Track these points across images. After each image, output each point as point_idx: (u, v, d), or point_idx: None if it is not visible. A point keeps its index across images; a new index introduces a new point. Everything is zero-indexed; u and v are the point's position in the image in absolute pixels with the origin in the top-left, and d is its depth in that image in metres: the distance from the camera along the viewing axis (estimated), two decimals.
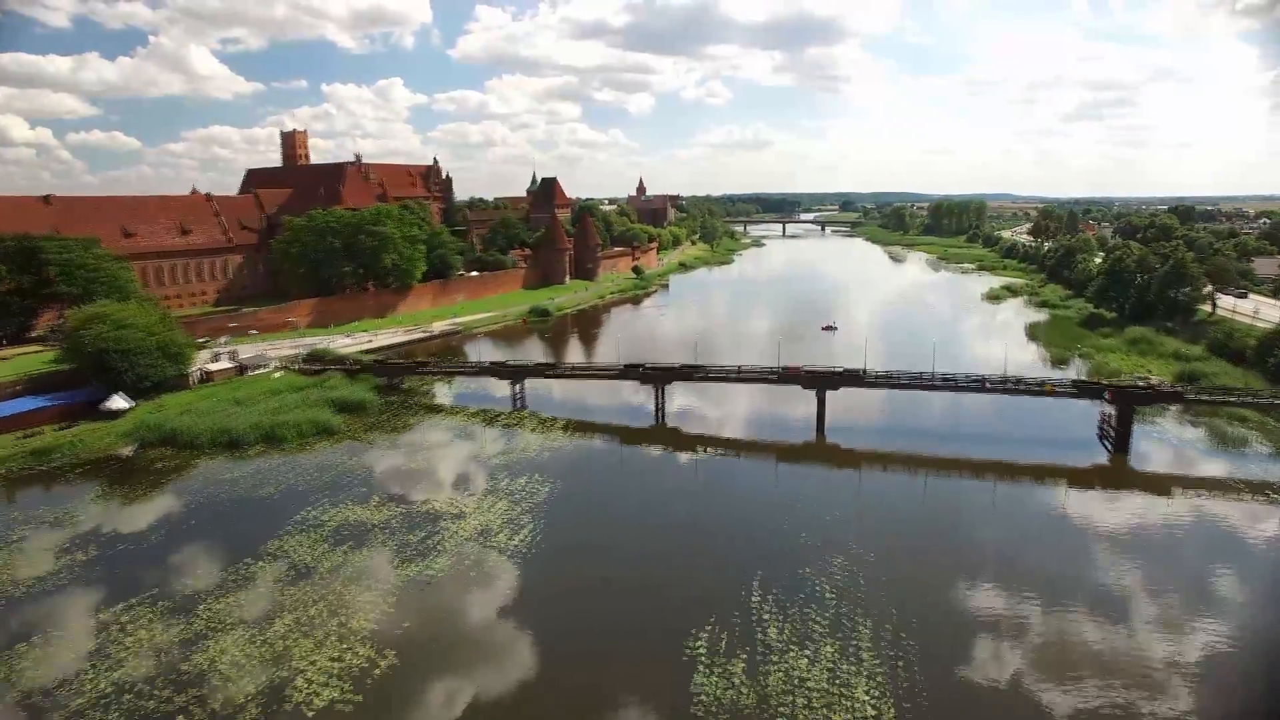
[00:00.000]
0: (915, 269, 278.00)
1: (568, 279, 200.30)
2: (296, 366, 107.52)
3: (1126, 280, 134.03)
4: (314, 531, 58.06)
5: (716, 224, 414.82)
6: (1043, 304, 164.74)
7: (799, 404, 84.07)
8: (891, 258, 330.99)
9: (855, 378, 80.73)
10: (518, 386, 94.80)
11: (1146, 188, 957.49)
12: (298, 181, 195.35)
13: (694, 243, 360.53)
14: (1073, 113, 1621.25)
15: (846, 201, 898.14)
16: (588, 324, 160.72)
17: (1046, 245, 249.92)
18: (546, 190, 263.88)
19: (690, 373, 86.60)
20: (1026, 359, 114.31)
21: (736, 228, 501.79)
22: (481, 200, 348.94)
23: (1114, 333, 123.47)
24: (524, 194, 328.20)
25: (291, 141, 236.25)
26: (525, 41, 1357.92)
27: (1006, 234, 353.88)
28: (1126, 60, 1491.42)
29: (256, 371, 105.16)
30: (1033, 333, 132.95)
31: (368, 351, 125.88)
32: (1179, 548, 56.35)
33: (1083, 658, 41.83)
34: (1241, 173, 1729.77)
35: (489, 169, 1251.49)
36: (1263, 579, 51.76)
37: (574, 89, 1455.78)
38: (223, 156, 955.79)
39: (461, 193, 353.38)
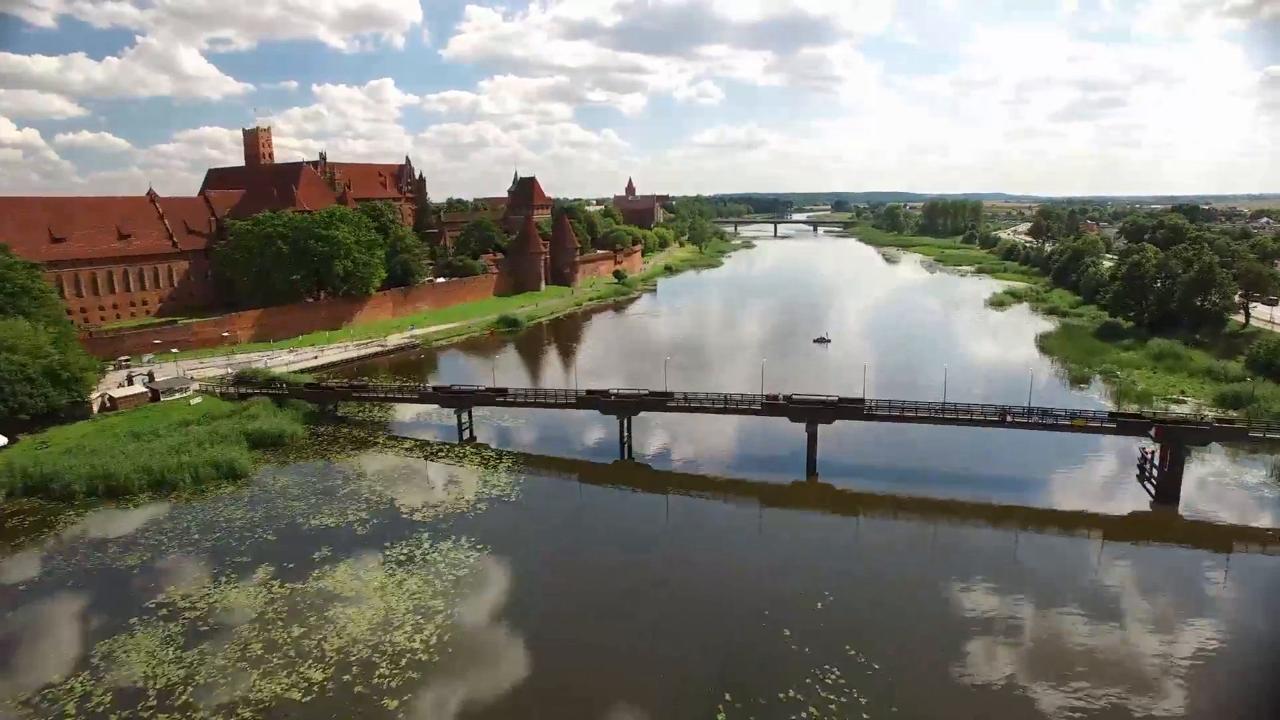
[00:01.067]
0: (911, 271, 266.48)
1: (543, 285, 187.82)
2: (220, 390, 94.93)
3: (1145, 286, 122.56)
4: (169, 624, 45.61)
5: (705, 225, 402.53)
6: (1051, 311, 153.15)
7: (787, 434, 71.93)
8: (886, 259, 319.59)
9: (852, 409, 68.70)
10: (464, 415, 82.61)
11: (1136, 187, 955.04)
12: (253, 182, 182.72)
13: (682, 244, 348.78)
14: (1063, 112, 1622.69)
15: (839, 201, 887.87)
16: (561, 334, 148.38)
17: (1049, 247, 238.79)
18: (524, 190, 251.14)
19: (659, 402, 74.39)
20: (1042, 376, 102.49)
21: (727, 228, 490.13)
22: (460, 201, 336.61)
23: (1135, 345, 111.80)
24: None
25: (254, 139, 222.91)
26: (516, 41, 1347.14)
27: (1005, 235, 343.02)
28: (1115, 60, 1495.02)
29: (174, 396, 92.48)
30: (1045, 344, 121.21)
31: (309, 370, 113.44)
32: (1245, 614, 44.79)
33: None
34: (1228, 172, 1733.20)
35: (482, 170, 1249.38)
36: None
37: (566, 89, 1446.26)
38: (214, 158, 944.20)
39: (460, 193, 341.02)
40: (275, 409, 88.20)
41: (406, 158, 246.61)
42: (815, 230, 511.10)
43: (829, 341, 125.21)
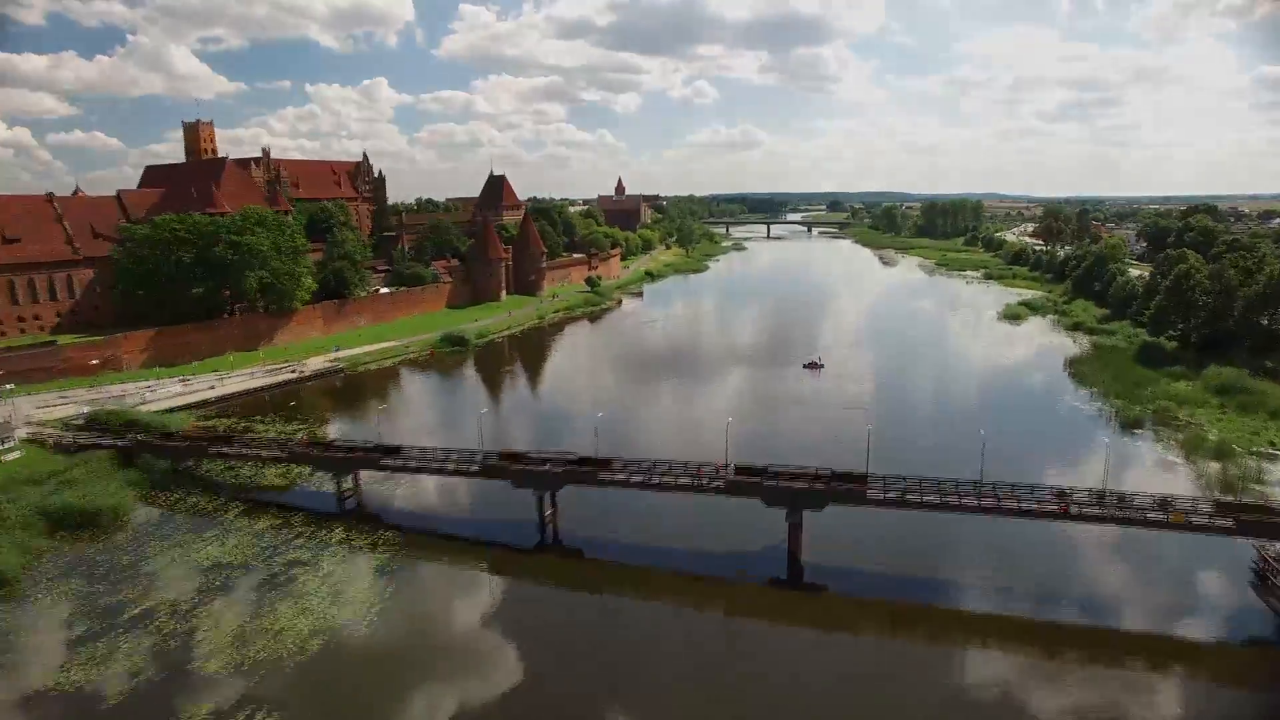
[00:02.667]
0: (912, 277, 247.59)
1: (503, 295, 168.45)
2: (56, 439, 75.47)
3: (1192, 301, 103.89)
4: None
5: (694, 226, 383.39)
6: (1075, 326, 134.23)
7: (765, 512, 52.75)
8: (884, 263, 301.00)
9: (850, 490, 49.56)
10: (347, 480, 63.54)
11: (1130, 187, 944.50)
12: (173, 180, 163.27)
13: (669, 247, 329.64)
14: (1056, 112, 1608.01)
15: (834, 201, 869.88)
16: (512, 356, 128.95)
17: (1062, 251, 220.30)
18: (493, 190, 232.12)
19: (589, 475, 55.22)
20: (1080, 416, 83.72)
21: (718, 229, 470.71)
22: (431, 201, 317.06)
23: (1188, 374, 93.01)
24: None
25: (195, 134, 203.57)
26: (510, 41, 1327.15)
27: (1009, 236, 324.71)
28: (1109, 60, 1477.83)
29: None
30: (1077, 370, 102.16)
31: (201, 404, 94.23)
32: None
33: None
34: (1221, 172, 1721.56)
35: (476, 170, 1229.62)
36: None
37: (560, 89, 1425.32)
38: None
39: (458, 193, 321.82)
40: (113, 468, 69.04)
41: (364, 154, 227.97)
42: (810, 231, 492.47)
43: (822, 367, 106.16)
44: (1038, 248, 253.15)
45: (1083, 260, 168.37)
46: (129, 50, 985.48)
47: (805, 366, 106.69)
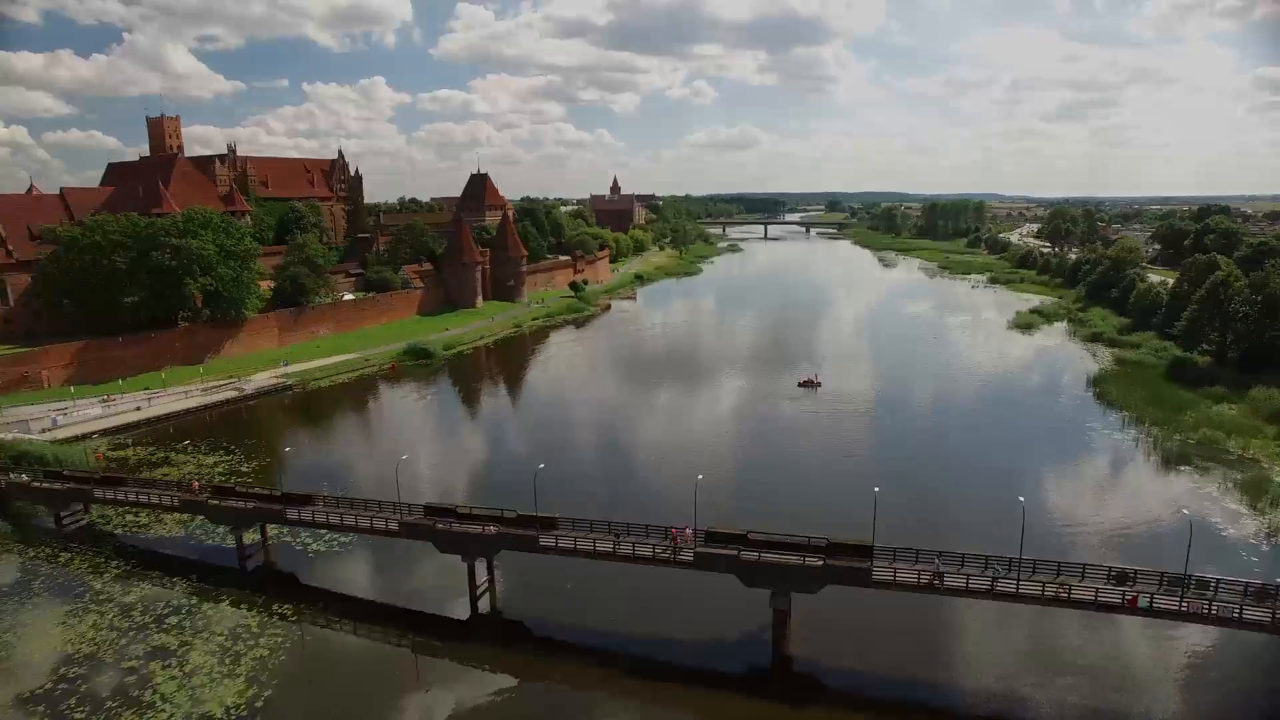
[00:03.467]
0: (914, 280, 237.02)
1: (480, 301, 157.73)
2: None
3: (1231, 312, 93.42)
4: None
5: (688, 226, 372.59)
6: (1094, 337, 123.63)
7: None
8: (884, 265, 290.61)
9: (851, 568, 38.89)
10: (252, 532, 53.07)
11: (1127, 188, 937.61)
12: (126, 178, 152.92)
13: (662, 248, 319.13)
14: (1055, 113, 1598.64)
15: (833, 201, 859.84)
16: (481, 371, 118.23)
17: (1072, 254, 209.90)
18: (475, 189, 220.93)
19: (529, 539, 44.60)
20: (1113, 447, 73.13)
21: (715, 230, 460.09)
22: (415, 201, 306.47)
23: (1231, 395, 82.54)
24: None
25: (159, 128, 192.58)
26: (508, 40, 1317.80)
27: (1013, 237, 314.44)
28: (1107, 61, 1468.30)
29: None
30: (1102, 389, 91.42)
31: (119, 429, 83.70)
32: None
33: None
34: (1219, 173, 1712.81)
35: (474, 169, 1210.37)
36: None
37: (558, 88, 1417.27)
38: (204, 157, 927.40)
39: (457, 193, 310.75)
40: None
41: (340, 152, 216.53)
42: (808, 232, 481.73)
43: (819, 385, 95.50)
44: (1044, 250, 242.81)
45: (1097, 264, 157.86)
46: (126, 49, 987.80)
47: (800, 385, 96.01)
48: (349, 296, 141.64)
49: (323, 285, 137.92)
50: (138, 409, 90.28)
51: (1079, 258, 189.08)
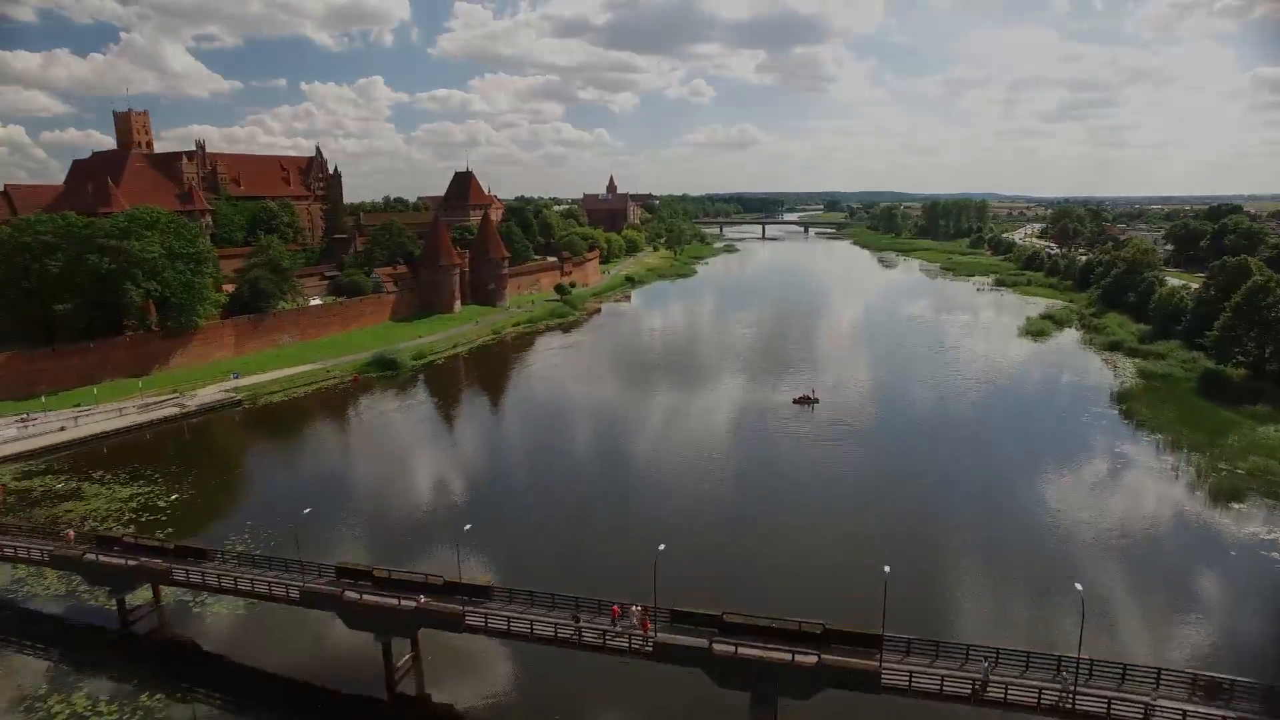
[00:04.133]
0: (916, 282, 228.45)
1: (458, 305, 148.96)
2: None
3: (1272, 320, 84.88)
4: None
5: (683, 226, 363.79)
6: (1112, 346, 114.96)
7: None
8: (884, 265, 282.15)
9: (858, 669, 30.21)
10: (138, 593, 44.50)
11: (1126, 187, 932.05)
12: (81, 176, 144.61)
13: (656, 249, 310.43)
14: (1053, 112, 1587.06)
15: (832, 201, 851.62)
16: (450, 384, 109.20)
17: (1081, 255, 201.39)
18: (459, 188, 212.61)
19: (453, 617, 35.91)
20: (1153, 477, 64.46)
21: (712, 230, 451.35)
22: (400, 201, 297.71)
23: (1277, 414, 73.94)
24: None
25: (127, 123, 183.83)
26: (506, 39, 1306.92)
27: (1017, 237, 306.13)
28: (1106, 61, 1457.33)
29: None
30: (1132, 410, 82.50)
31: (36, 453, 75.05)
32: None
33: None
34: (1218, 173, 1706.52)
35: (474, 169, 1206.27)
36: None
37: (557, 88, 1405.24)
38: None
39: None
40: None
41: (317, 148, 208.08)
42: (807, 232, 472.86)
43: (816, 402, 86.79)
44: (1051, 251, 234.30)
45: (1110, 267, 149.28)
46: (123, 48, 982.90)
47: (795, 402, 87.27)
48: (316, 301, 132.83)
49: (290, 289, 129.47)
50: (61, 429, 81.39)
51: (1089, 259, 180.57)
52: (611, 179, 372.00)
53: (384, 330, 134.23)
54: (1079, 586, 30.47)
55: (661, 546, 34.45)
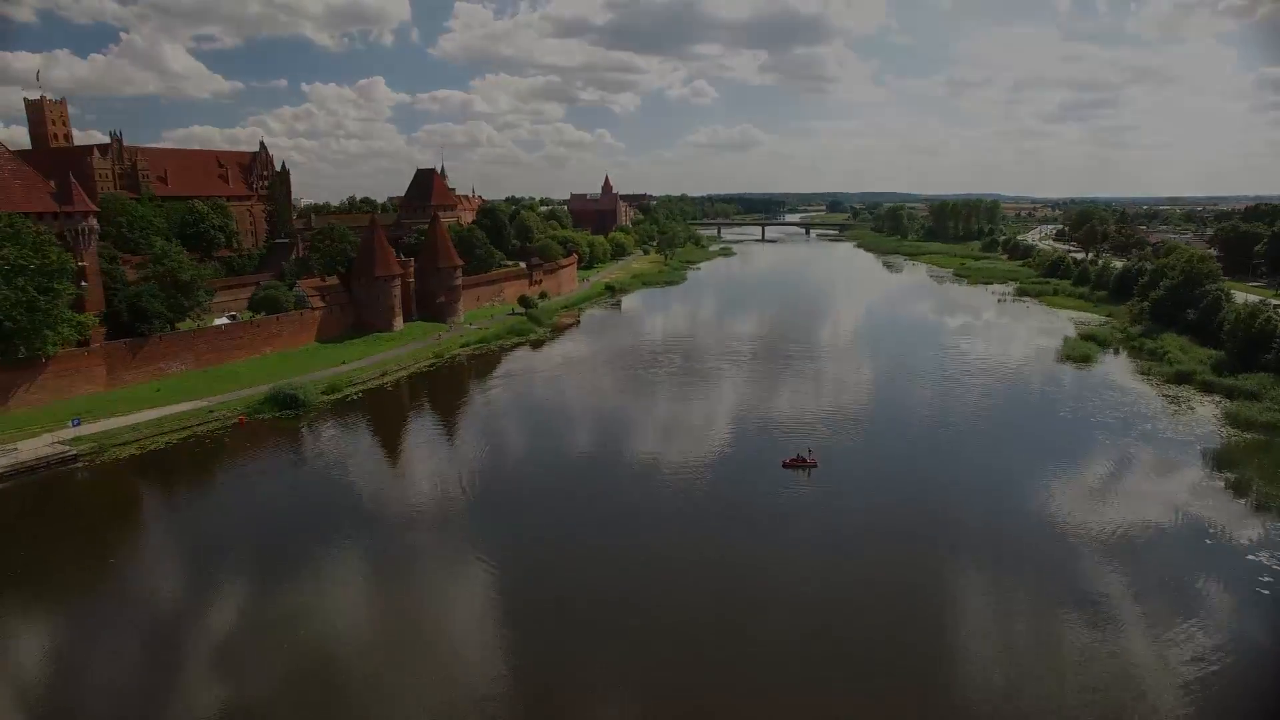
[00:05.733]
0: (930, 292, 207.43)
1: (399, 323, 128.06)
2: None
3: None
4: None
5: (677, 228, 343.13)
6: (1178, 377, 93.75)
7: None
8: (891, 270, 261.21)
9: None
10: None
11: (1129, 188, 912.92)
12: None
13: (647, 252, 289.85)
14: (1056, 113, 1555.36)
15: (834, 201, 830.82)
16: (361, 430, 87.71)
17: (1115, 261, 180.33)
18: (420, 187, 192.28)
19: None
20: None
21: (709, 231, 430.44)
22: (367, 201, 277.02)
23: None
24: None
25: (40, 114, 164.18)
26: (506, 40, 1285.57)
27: (1032, 239, 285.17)
28: (1109, 61, 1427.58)
29: None
30: (1236, 475, 61.42)
31: None
32: None
33: None
34: (1221, 174, 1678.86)
35: (477, 170, 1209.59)
36: None
37: (558, 88, 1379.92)
38: None
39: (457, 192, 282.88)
40: None
41: (261, 143, 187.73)
42: (808, 234, 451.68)
43: (815, 466, 65.75)
44: (1075, 256, 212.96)
45: (1159, 276, 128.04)
46: (123, 48, 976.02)
47: (787, 465, 66.21)
48: (222, 321, 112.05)
49: (195, 305, 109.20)
50: None
51: (1126, 266, 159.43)
52: (607, 179, 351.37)
53: (305, 354, 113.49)
54: None
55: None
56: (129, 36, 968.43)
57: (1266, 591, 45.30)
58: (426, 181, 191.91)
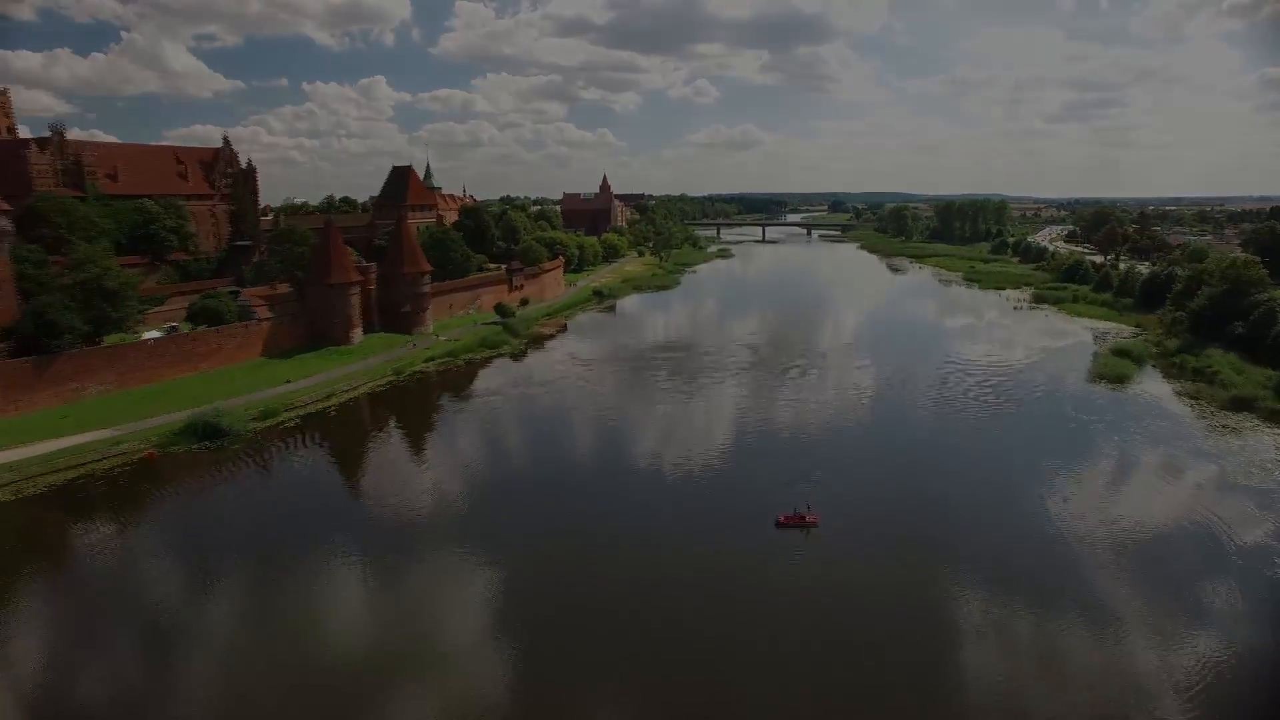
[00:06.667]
0: (939, 298, 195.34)
1: (357, 335, 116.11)
2: None
3: None
4: None
5: (673, 229, 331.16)
6: (1235, 403, 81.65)
7: None
8: (897, 272, 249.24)
9: None
10: None
11: (1132, 188, 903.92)
12: None
13: (641, 254, 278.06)
14: (1058, 113, 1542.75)
15: (836, 201, 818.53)
16: (296, 462, 75.83)
17: (1141, 266, 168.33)
18: (395, 186, 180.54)
19: None
20: None
21: (708, 232, 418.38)
22: (347, 201, 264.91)
23: None
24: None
25: None
26: (508, 39, 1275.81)
27: (1046, 242, 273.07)
28: (1112, 61, 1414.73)
29: None
30: None
31: None
32: None
33: None
34: (1225, 174, 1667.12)
35: (479, 169, 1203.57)
36: None
37: (559, 88, 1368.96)
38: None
39: (455, 192, 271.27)
40: None
41: (224, 139, 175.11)
42: (809, 234, 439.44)
43: (813, 525, 53.74)
44: (1094, 259, 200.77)
45: (1197, 283, 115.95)
46: (124, 47, 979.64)
47: (780, 524, 54.18)
48: (152, 335, 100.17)
49: (128, 315, 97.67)
50: None
51: (1154, 272, 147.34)
52: (605, 178, 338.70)
53: (247, 371, 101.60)
54: None
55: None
56: (129, 35, 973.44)
57: None
58: (401, 180, 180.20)
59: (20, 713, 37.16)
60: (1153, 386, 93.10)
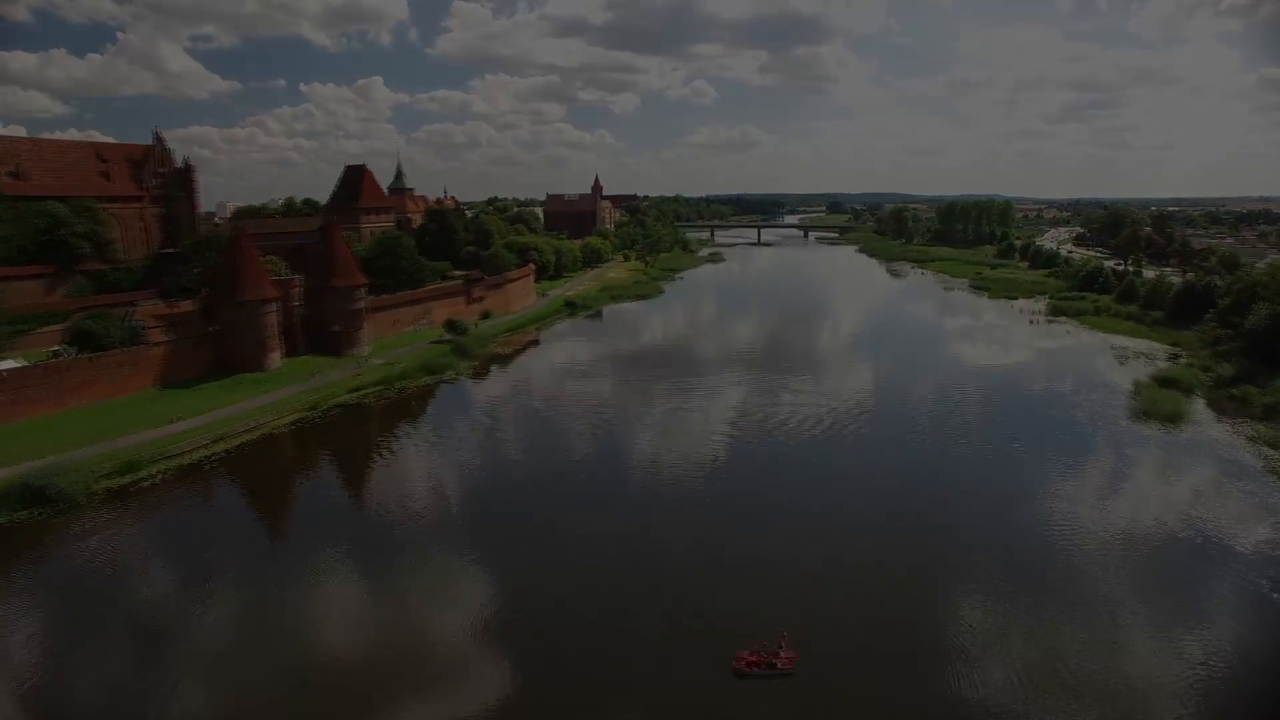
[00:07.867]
0: (945, 309, 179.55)
1: (276, 359, 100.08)
2: None
3: None
4: None
5: (662, 231, 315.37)
6: None
7: None
8: (898, 278, 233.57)
9: None
10: None
11: (1130, 189, 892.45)
12: None
13: (627, 258, 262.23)
14: (1057, 113, 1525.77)
15: (834, 202, 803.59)
16: (132, 545, 59.82)
17: (1171, 275, 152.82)
18: (349, 187, 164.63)
19: None
20: None
21: (702, 234, 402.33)
22: (309, 202, 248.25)
23: None
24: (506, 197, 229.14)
25: None
26: (505, 40, 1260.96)
27: (1052, 244, 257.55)
28: (1110, 61, 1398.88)
29: None
30: None
31: None
32: None
33: None
34: (1224, 175, 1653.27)
35: (477, 171, 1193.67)
36: None
37: (557, 89, 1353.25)
38: (204, 157, 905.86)
39: (456, 193, 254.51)
40: None
41: (156, 135, 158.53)
42: (806, 236, 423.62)
43: (788, 674, 37.74)
44: (1115, 266, 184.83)
45: (1248, 297, 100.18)
46: (119, 48, 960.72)
47: (743, 668, 38.06)
48: (9, 365, 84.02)
49: None
50: None
51: (1189, 281, 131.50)
52: (596, 178, 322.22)
53: (128, 407, 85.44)
54: None
55: None
56: (126, 36, 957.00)
57: None
58: (355, 181, 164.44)
59: None
60: (1214, 430, 76.75)
